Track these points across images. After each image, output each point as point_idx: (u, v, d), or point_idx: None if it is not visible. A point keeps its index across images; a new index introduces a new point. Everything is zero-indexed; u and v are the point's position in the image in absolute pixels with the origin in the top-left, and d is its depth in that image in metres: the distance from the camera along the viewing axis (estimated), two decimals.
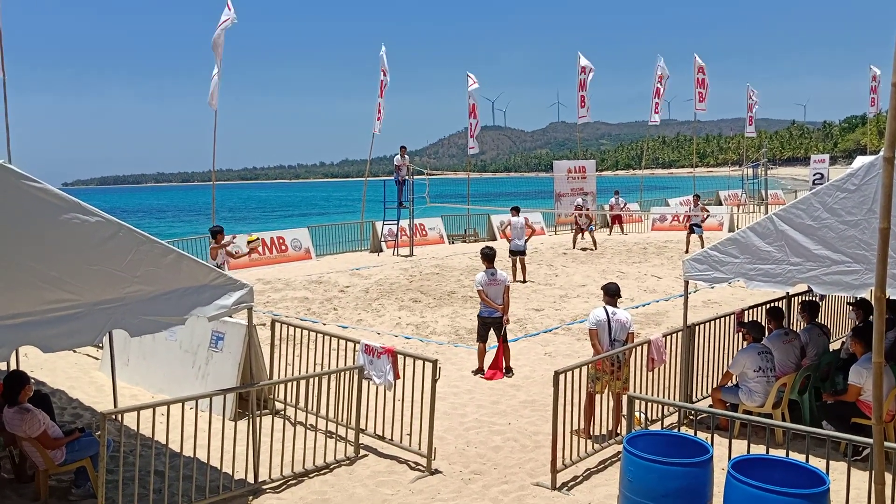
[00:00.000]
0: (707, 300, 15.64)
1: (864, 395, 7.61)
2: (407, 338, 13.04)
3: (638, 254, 23.51)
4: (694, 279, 8.34)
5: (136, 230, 6.11)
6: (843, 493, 5.48)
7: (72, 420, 8.91)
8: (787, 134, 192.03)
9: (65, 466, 6.78)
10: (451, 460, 7.81)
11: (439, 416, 8.35)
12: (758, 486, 4.75)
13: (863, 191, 6.90)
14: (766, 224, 7.63)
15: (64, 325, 5.64)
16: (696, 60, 37.30)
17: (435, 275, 19.78)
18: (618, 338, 8.46)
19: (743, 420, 6.55)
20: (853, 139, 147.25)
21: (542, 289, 17.69)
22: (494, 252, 11.40)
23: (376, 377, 7.93)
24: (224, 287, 6.66)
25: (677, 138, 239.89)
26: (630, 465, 5.32)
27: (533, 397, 9.79)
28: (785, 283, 7.60)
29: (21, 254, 5.44)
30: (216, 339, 9.30)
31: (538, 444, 8.17)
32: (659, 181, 56.22)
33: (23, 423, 6.58)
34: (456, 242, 28.20)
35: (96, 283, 5.81)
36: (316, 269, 21.05)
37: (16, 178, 5.44)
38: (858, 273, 6.93)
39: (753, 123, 40.86)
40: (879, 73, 41.35)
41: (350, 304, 16.03)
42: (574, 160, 36.22)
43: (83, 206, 5.77)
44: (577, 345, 12.22)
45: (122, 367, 9.67)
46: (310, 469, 7.50)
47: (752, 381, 8.37)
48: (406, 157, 24.76)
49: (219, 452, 6.86)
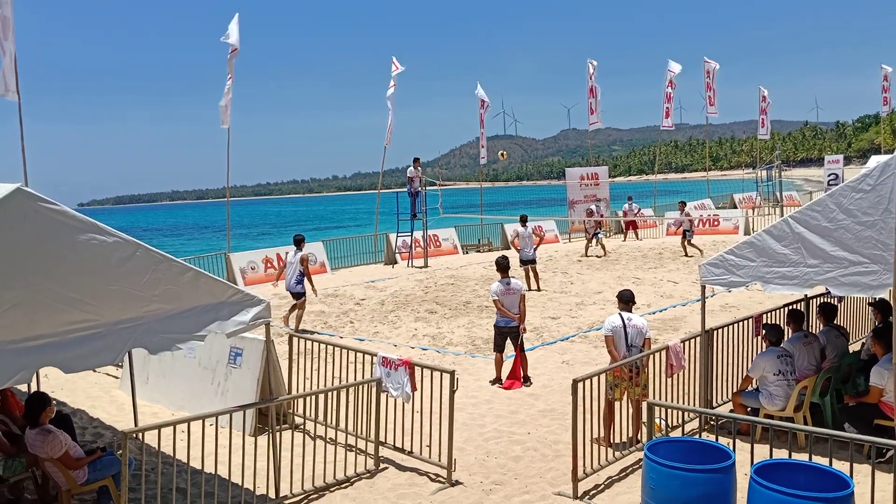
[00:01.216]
0: (725, 304, 15.55)
1: (886, 396, 7.54)
2: (424, 349, 13.04)
3: (653, 259, 23.42)
4: (711, 284, 8.30)
5: (153, 249, 6.16)
6: (868, 497, 5.43)
7: (93, 440, 8.96)
8: (801, 135, 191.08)
9: (87, 486, 6.82)
10: (471, 471, 7.79)
11: (458, 427, 8.34)
12: (782, 490, 4.71)
13: (878, 191, 6.86)
14: (781, 226, 7.59)
15: (84, 346, 5.69)
16: (707, 64, 37.25)
17: (450, 285, 19.78)
18: (634, 344, 8.44)
19: (764, 424, 6.51)
20: (867, 139, 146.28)
21: (557, 297, 17.65)
22: (508, 261, 11.41)
23: (394, 390, 7.93)
24: (242, 303, 6.70)
25: (690, 142, 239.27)
26: (652, 473, 5.30)
27: (552, 406, 9.76)
28: (802, 286, 7.55)
29: (40, 276, 5.49)
30: (235, 355, 9.35)
31: (558, 453, 8.15)
32: (672, 186, 56.00)
33: (45, 445, 6.63)
34: (470, 252, 28.19)
35: (115, 303, 5.86)
36: (331, 283, 21.10)
37: (33, 202, 5.50)
38: (876, 274, 6.88)
39: (766, 125, 40.66)
40: (891, 71, 41.13)
41: (366, 316, 16.06)
42: (586, 167, 36.16)
43: (100, 227, 5.82)
44: (594, 352, 12.18)
45: (141, 386, 9.73)
46: (330, 483, 7.51)
47: (773, 385, 8.32)
48: (419, 168, 24.82)
49: (239, 468, 6.88)
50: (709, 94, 37.41)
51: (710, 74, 37.30)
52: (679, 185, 58.15)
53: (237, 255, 22.23)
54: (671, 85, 36.20)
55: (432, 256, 25.00)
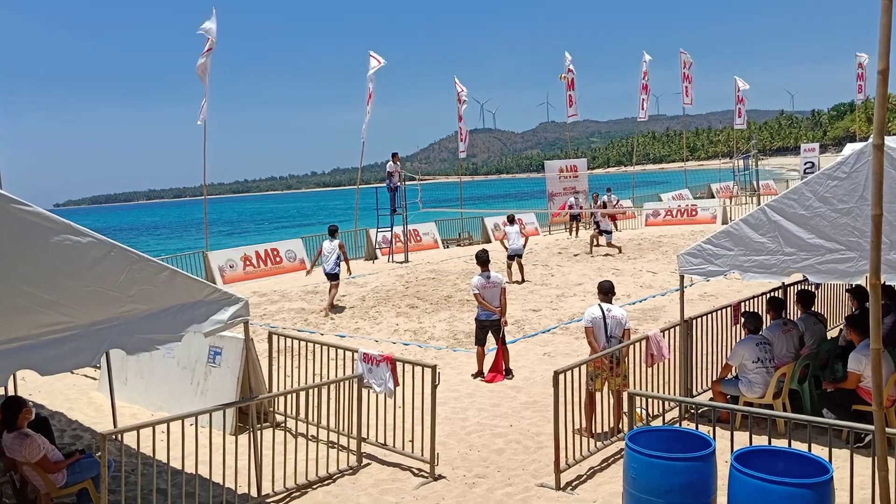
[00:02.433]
0: (703, 293, 15.66)
1: (863, 381, 7.62)
2: (405, 344, 13.02)
3: (633, 250, 23.51)
4: (689, 273, 8.35)
5: (128, 249, 6.09)
6: (847, 481, 5.48)
7: (72, 442, 8.86)
8: (777, 124, 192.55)
9: (67, 489, 6.74)
10: (454, 465, 7.79)
11: (441, 421, 8.33)
12: (762, 477, 4.74)
13: (853, 178, 6.92)
14: (758, 215, 7.64)
15: (61, 348, 5.61)
16: (682, 55, 37.45)
17: (431, 280, 19.75)
18: (614, 334, 8.46)
19: (744, 412, 6.55)
20: (842, 126, 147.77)
21: (538, 289, 17.69)
22: (489, 255, 11.41)
23: (376, 385, 7.91)
24: (219, 302, 6.64)
25: (667, 133, 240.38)
26: (633, 462, 5.31)
27: (534, 398, 9.78)
28: (780, 274, 7.61)
29: (14, 278, 5.41)
30: (214, 354, 9.28)
31: (541, 444, 8.16)
32: (651, 177, 56.28)
33: (22, 448, 6.54)
34: (451, 246, 28.18)
35: (91, 304, 5.79)
36: (311, 280, 20.99)
37: (5, 203, 5.42)
38: (853, 260, 6.95)
39: (743, 115, 40.96)
40: (866, 59, 41.53)
41: (347, 312, 16.00)
42: (565, 159, 36.25)
43: (74, 227, 5.75)
44: (575, 344, 12.22)
45: (120, 387, 9.63)
46: (313, 480, 7.48)
47: (752, 373, 8.38)
48: (398, 163, 24.76)
49: (221, 468, 6.82)
50: (685, 86, 37.64)
51: (686, 66, 37.51)
52: (657, 175, 58.46)
53: (215, 253, 22.08)
54: (646, 77, 36.37)
55: (413, 251, 24.97)
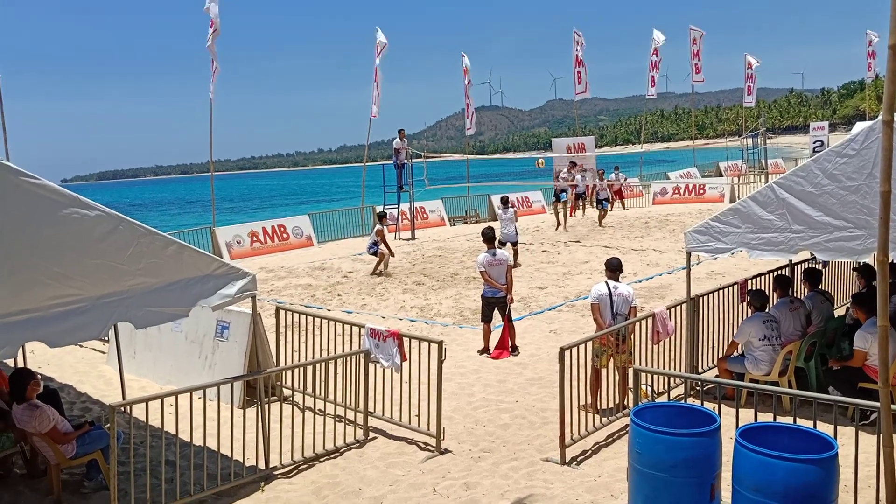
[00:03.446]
0: (710, 271, 15.63)
1: (870, 359, 7.62)
2: (412, 320, 13.06)
3: (640, 228, 23.48)
4: (696, 251, 8.33)
5: (136, 223, 6.11)
6: (852, 458, 5.50)
7: (81, 414, 8.95)
8: (786, 102, 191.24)
9: (76, 460, 6.82)
10: (460, 439, 7.84)
11: (447, 396, 8.38)
12: (766, 452, 4.76)
13: (863, 155, 6.87)
14: (766, 193, 7.60)
15: (69, 321, 5.65)
16: (692, 32, 37.11)
17: (437, 257, 19.77)
18: (620, 311, 8.47)
19: (749, 388, 6.56)
20: (852, 105, 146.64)
21: (544, 266, 17.69)
22: (495, 232, 11.43)
23: (384, 360, 7.94)
24: (227, 276, 6.67)
25: (675, 111, 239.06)
26: (638, 438, 5.33)
27: (539, 374, 9.81)
28: (787, 251, 7.59)
29: (23, 251, 5.44)
30: (221, 328, 9.32)
31: (546, 420, 8.20)
32: (659, 155, 56.02)
33: (32, 420, 6.61)
34: (457, 224, 28.18)
35: (99, 277, 5.82)
36: (318, 256, 21.06)
37: (14, 176, 5.43)
38: (861, 238, 6.91)
39: (752, 93, 40.64)
40: (877, 38, 41.10)
41: (354, 289, 16.04)
42: (573, 137, 36.08)
43: (82, 201, 5.76)
44: (581, 321, 12.24)
45: (128, 360, 9.70)
46: (320, 453, 7.54)
47: (758, 350, 8.38)
48: (405, 140, 24.68)
49: (228, 440, 6.89)
50: (695, 63, 37.35)
51: (695, 42, 37.20)
52: (665, 154, 58.18)
53: (223, 228, 22.15)
54: (656, 54, 36.08)
55: (419, 228, 24.97)
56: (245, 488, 6.86)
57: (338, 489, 6.80)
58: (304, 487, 6.90)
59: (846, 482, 5.31)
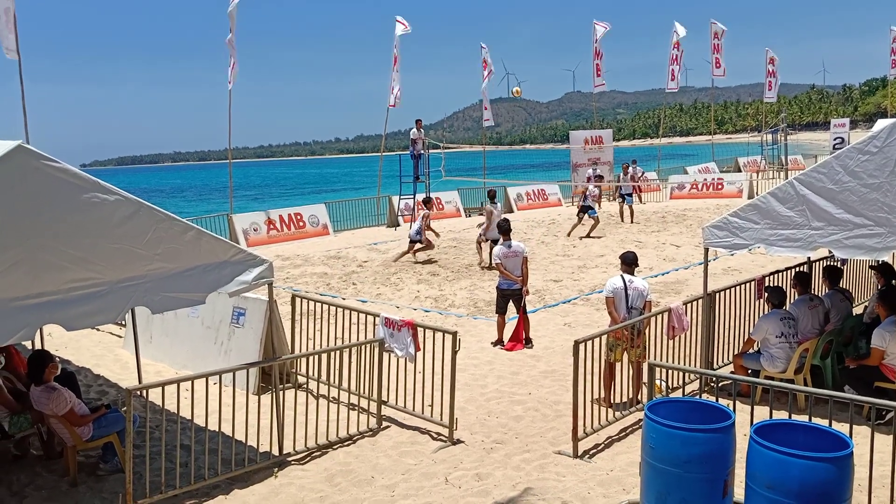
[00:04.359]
0: (727, 267, 15.54)
1: (887, 358, 7.56)
2: (426, 311, 13.08)
3: (656, 223, 23.36)
4: (714, 246, 8.27)
5: (155, 208, 6.15)
6: (867, 457, 5.47)
7: (98, 397, 9.04)
8: (807, 98, 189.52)
9: (92, 442, 6.89)
10: (472, 430, 7.85)
11: (460, 387, 8.39)
12: (781, 450, 4.73)
13: (885, 153, 6.80)
14: (786, 189, 7.54)
15: (87, 304, 5.70)
16: (713, 25, 36.78)
17: (452, 248, 19.78)
18: (635, 306, 8.44)
19: (765, 385, 6.52)
20: (874, 102, 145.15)
21: (560, 260, 17.65)
22: (510, 224, 11.42)
23: (398, 350, 7.96)
24: (244, 263, 6.70)
25: (695, 105, 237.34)
26: (652, 433, 5.32)
27: (553, 367, 9.81)
28: (806, 248, 7.52)
29: (43, 234, 5.49)
30: (237, 314, 9.38)
31: (559, 413, 8.20)
32: (677, 149, 55.69)
33: (49, 402, 6.68)
34: (472, 215, 28.13)
35: (118, 262, 5.86)
36: (334, 245, 21.11)
37: (35, 159, 5.48)
38: (881, 236, 6.85)
39: (774, 88, 40.24)
40: None
41: (369, 278, 16.08)
42: (591, 130, 35.92)
43: (102, 185, 5.80)
44: (596, 315, 12.21)
45: (145, 345, 9.78)
46: (333, 441, 7.58)
47: (775, 347, 8.33)
48: (422, 130, 24.65)
49: (243, 426, 6.93)
50: (716, 57, 36.98)
51: (717, 36, 36.85)
52: (684, 148, 57.83)
53: (240, 216, 22.23)
54: (677, 47, 35.80)
55: (435, 219, 24.91)
56: (258, 474, 6.91)
57: (350, 477, 6.83)
58: (317, 474, 6.93)
59: (860, 481, 5.27)
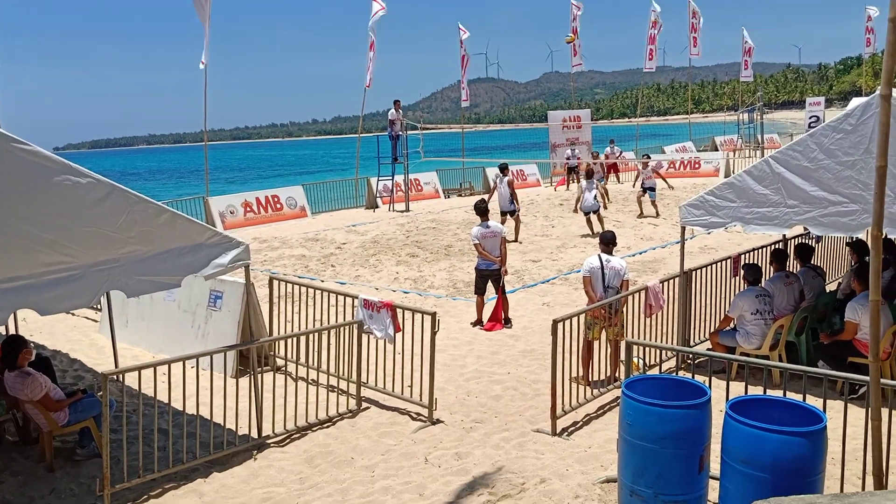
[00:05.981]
0: (704, 246, 15.66)
1: (860, 332, 7.66)
2: (405, 292, 13.07)
3: (634, 202, 23.42)
4: (690, 225, 8.33)
5: (128, 190, 6.06)
6: (840, 431, 5.54)
7: (74, 382, 8.96)
8: (783, 77, 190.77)
9: (69, 427, 6.84)
10: (452, 410, 7.88)
11: (439, 367, 8.40)
12: (756, 425, 4.79)
13: (859, 131, 6.86)
14: (762, 167, 7.59)
15: (60, 288, 5.63)
16: (690, 5, 36.82)
17: (431, 229, 19.75)
18: (612, 285, 8.49)
19: (740, 362, 6.60)
20: (849, 81, 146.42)
21: (538, 240, 17.69)
22: (487, 205, 11.43)
23: (377, 331, 7.96)
24: (220, 246, 6.64)
25: (672, 85, 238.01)
26: (629, 409, 5.36)
27: (532, 347, 9.85)
28: (782, 226, 7.59)
29: (14, 217, 5.41)
30: (214, 297, 9.32)
31: (538, 392, 8.25)
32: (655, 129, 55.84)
33: (24, 387, 6.62)
34: (451, 196, 28.10)
35: (91, 245, 5.79)
36: (312, 227, 21.01)
37: (5, 142, 5.38)
38: (856, 213, 6.92)
39: (749, 68, 40.44)
40: (876, 12, 40.82)
41: (347, 260, 16.03)
42: (569, 110, 35.90)
43: (74, 168, 5.71)
44: (574, 294, 12.26)
45: (121, 329, 9.70)
46: (313, 422, 7.58)
47: (750, 324, 8.42)
48: (400, 111, 24.53)
49: (221, 409, 6.91)
50: (693, 36, 37.07)
51: (695, 15, 36.92)
52: (662, 128, 58.01)
53: (216, 198, 22.04)
54: (654, 26, 35.82)
55: (413, 200, 24.90)
56: (238, 457, 6.89)
57: (330, 458, 6.84)
58: (296, 456, 6.93)
59: (834, 455, 5.35)
